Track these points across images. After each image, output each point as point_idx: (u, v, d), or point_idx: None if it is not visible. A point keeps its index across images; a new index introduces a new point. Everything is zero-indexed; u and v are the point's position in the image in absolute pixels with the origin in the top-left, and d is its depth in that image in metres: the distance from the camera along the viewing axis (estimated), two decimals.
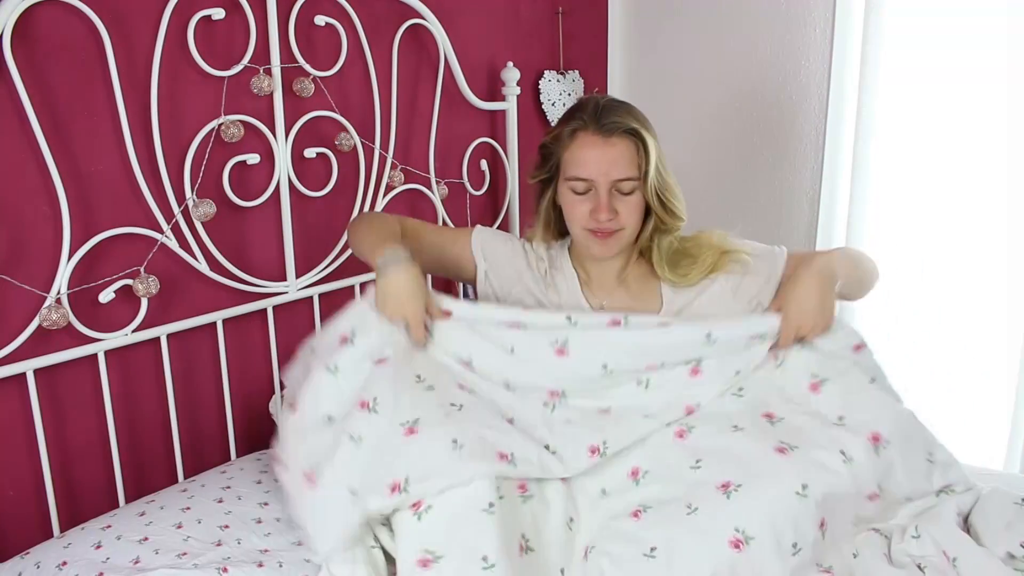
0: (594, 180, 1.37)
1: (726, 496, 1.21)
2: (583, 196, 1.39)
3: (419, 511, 1.19)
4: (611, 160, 1.36)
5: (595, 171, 1.37)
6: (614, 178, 1.37)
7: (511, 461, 1.24)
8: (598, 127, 1.37)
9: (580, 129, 1.38)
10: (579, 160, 1.38)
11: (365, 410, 1.29)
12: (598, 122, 1.37)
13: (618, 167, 1.36)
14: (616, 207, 1.37)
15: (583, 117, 1.38)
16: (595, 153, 1.36)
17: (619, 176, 1.37)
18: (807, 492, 1.20)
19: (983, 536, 1.25)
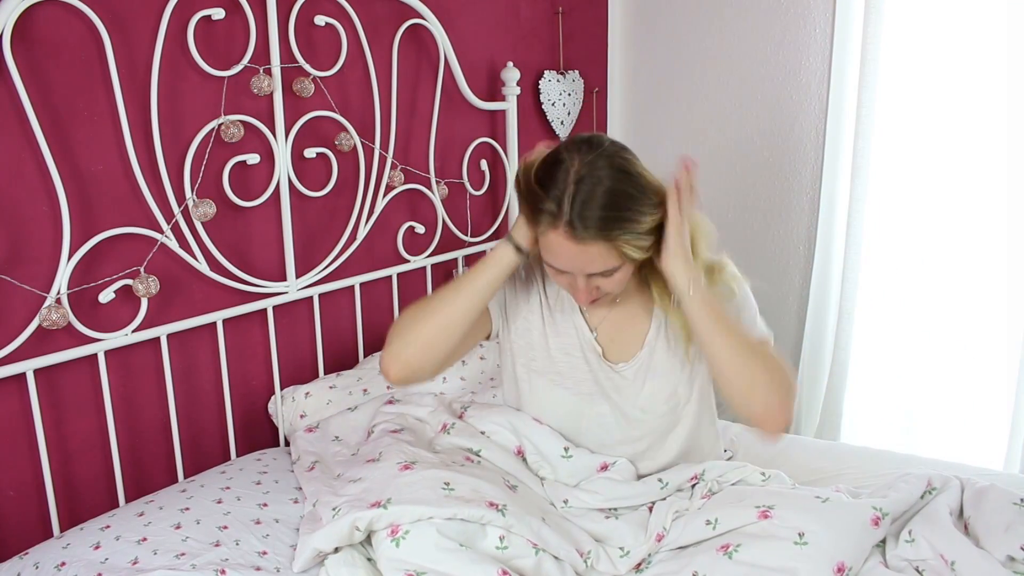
0: (571, 271, 1.26)
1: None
2: (560, 273, 1.28)
3: (396, 537, 1.20)
4: (586, 261, 1.22)
5: (570, 266, 1.25)
6: (591, 272, 1.25)
7: (500, 511, 1.24)
8: (570, 230, 1.18)
9: (551, 227, 1.20)
10: (553, 252, 1.24)
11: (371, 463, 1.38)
12: (571, 223, 1.18)
13: (595, 264, 1.23)
14: (598, 284, 1.28)
15: (554, 210, 1.19)
16: (569, 254, 1.22)
17: (596, 271, 1.24)
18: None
19: (982, 538, 1.24)
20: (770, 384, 1.24)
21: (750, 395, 1.24)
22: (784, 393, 1.25)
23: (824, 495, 1.29)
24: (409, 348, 1.30)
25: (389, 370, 1.30)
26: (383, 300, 2.16)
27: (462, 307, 1.30)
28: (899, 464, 1.66)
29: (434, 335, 1.29)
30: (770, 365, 1.26)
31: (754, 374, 1.24)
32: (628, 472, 1.41)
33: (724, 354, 1.25)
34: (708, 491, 1.38)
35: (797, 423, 2.65)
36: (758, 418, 1.25)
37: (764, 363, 1.25)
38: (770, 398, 1.24)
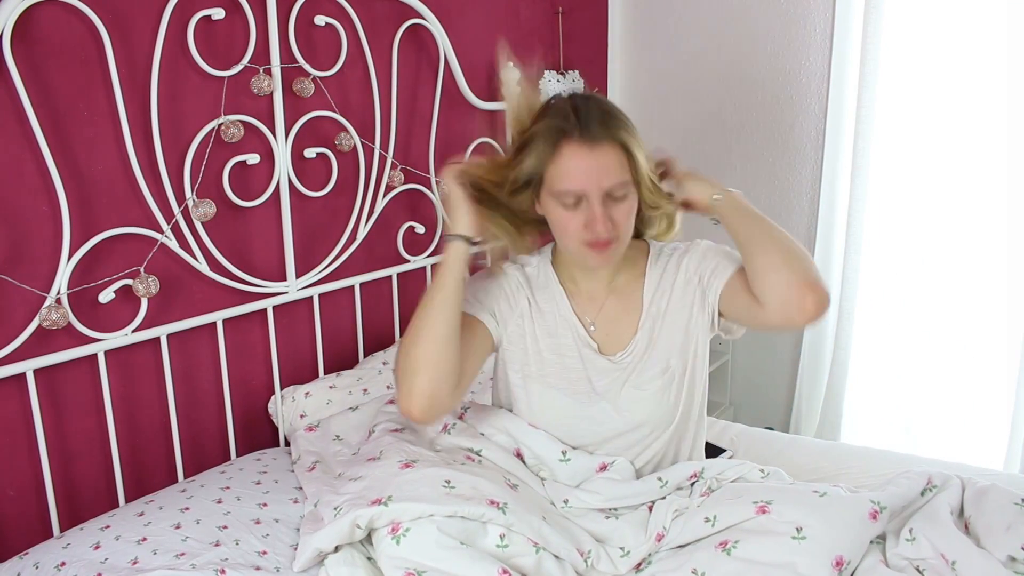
0: (586, 192, 1.27)
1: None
2: (574, 210, 1.29)
3: (397, 535, 1.20)
4: (601, 168, 1.26)
5: (585, 182, 1.26)
6: (606, 186, 1.26)
7: (501, 509, 1.24)
8: (585, 134, 1.25)
9: (564, 139, 1.26)
10: (566, 172, 1.26)
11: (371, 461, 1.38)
12: (585, 127, 1.25)
13: (609, 174, 1.26)
14: (611, 215, 1.28)
15: (563, 126, 1.26)
16: (583, 164, 1.25)
17: (611, 183, 1.26)
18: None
19: (983, 538, 1.24)
20: (809, 260, 1.27)
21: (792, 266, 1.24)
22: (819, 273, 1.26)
23: (822, 490, 1.29)
24: (415, 379, 1.25)
25: (409, 409, 1.26)
26: (383, 300, 2.16)
27: (441, 318, 1.27)
28: (899, 464, 1.66)
29: (430, 356, 1.25)
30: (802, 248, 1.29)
31: (795, 251, 1.26)
32: (627, 471, 1.41)
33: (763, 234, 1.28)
34: (707, 489, 1.38)
35: (797, 423, 2.65)
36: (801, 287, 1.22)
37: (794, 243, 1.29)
38: (811, 271, 1.25)
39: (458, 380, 1.29)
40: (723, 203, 1.34)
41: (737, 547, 1.22)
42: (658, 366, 1.40)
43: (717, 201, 1.34)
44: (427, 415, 1.27)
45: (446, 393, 1.27)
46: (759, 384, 2.85)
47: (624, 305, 1.43)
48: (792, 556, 1.18)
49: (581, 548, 1.28)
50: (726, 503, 1.30)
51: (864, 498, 1.27)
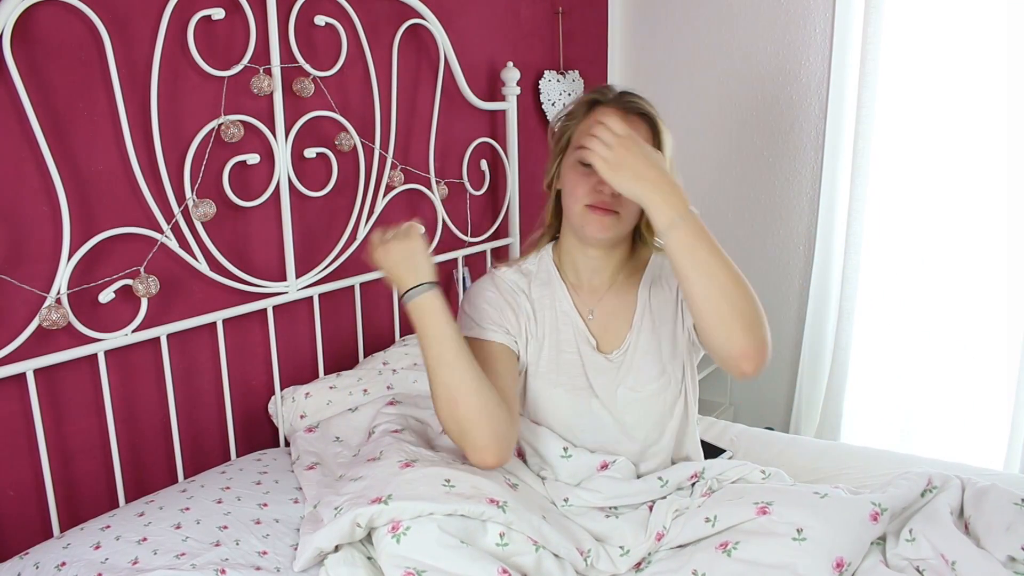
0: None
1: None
2: (587, 171, 1.30)
3: (397, 533, 1.20)
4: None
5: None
6: None
7: (501, 507, 1.24)
8: (617, 101, 1.35)
9: (599, 102, 1.36)
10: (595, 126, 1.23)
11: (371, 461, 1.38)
12: (619, 98, 1.35)
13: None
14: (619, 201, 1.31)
15: (602, 93, 1.37)
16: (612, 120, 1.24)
17: None
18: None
19: (983, 538, 1.24)
20: (752, 318, 1.17)
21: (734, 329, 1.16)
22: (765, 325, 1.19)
23: (823, 491, 1.29)
24: (474, 435, 1.26)
25: (485, 461, 1.27)
26: (383, 300, 2.16)
27: (460, 369, 1.25)
28: (899, 464, 1.66)
29: (474, 410, 1.24)
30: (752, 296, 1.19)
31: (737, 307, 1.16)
32: (628, 470, 1.42)
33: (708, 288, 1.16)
34: (708, 489, 1.38)
35: (797, 423, 2.65)
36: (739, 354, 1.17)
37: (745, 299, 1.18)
38: (752, 333, 1.17)
39: (509, 409, 1.29)
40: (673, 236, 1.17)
41: (737, 548, 1.22)
42: (654, 370, 1.41)
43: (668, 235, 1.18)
44: (500, 458, 1.28)
45: (506, 429, 1.27)
46: (759, 384, 2.85)
47: (622, 300, 1.45)
48: (792, 557, 1.18)
49: (581, 547, 1.29)
50: (727, 504, 1.30)
51: (865, 500, 1.27)
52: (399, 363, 1.99)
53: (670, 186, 1.18)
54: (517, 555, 1.22)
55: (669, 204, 1.17)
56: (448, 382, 1.26)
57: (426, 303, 1.27)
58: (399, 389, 1.89)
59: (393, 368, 1.97)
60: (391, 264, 1.30)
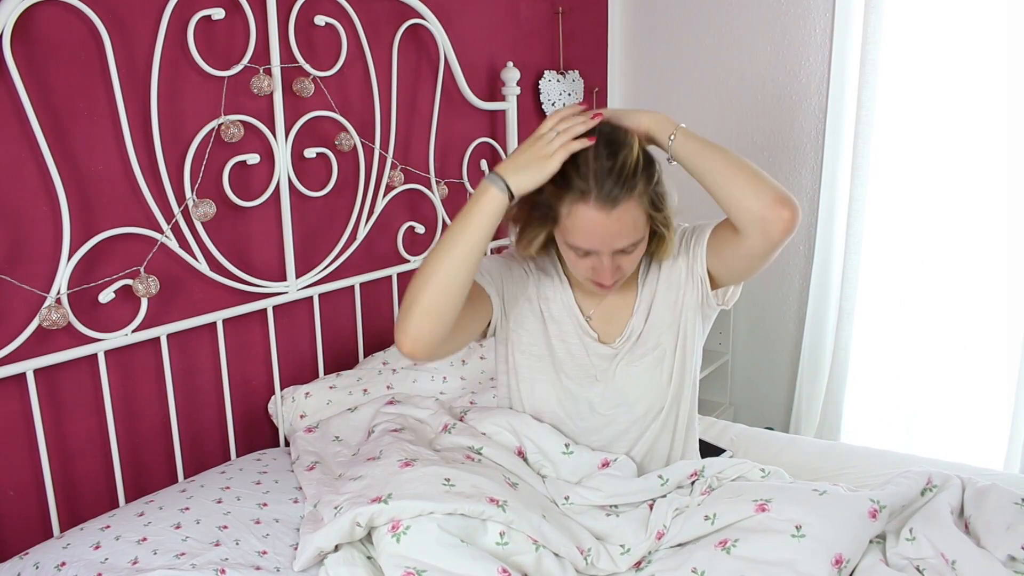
0: (597, 251, 1.27)
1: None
2: (584, 257, 1.30)
3: (397, 532, 1.20)
4: (616, 233, 1.25)
5: (598, 244, 1.26)
6: (618, 247, 1.27)
7: (501, 506, 1.24)
8: (602, 199, 1.22)
9: (582, 201, 1.23)
10: (580, 231, 1.25)
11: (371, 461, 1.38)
12: (601, 191, 1.21)
13: (623, 237, 1.25)
14: (619, 263, 1.30)
15: (581, 185, 1.22)
16: (598, 228, 1.24)
17: (624, 244, 1.26)
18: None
19: (983, 538, 1.24)
20: (769, 178, 1.26)
21: (759, 185, 1.23)
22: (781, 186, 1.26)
23: (822, 488, 1.30)
24: (414, 318, 1.23)
25: (402, 345, 1.25)
26: (383, 300, 2.16)
27: (458, 263, 1.23)
28: (899, 464, 1.66)
29: (436, 300, 1.22)
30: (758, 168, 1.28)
31: (754, 170, 1.26)
32: (629, 469, 1.42)
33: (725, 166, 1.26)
34: (708, 487, 1.38)
35: (797, 423, 2.65)
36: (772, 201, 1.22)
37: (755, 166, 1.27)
38: (775, 186, 1.24)
39: (452, 332, 1.27)
40: (679, 144, 1.28)
41: (737, 545, 1.22)
42: (649, 343, 1.43)
43: (673, 144, 1.28)
44: (416, 355, 1.26)
45: (439, 342, 1.26)
46: (759, 384, 2.85)
47: (621, 295, 1.46)
48: (791, 554, 1.18)
49: (581, 546, 1.29)
50: (726, 501, 1.30)
51: (864, 497, 1.27)
52: (399, 363, 1.99)
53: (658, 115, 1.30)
54: (517, 554, 1.22)
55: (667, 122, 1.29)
56: (439, 263, 1.23)
57: (488, 197, 1.23)
58: (399, 389, 1.89)
59: (393, 368, 1.97)
60: (525, 146, 1.26)
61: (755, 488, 1.33)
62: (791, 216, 1.23)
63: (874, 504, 1.26)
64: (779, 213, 1.22)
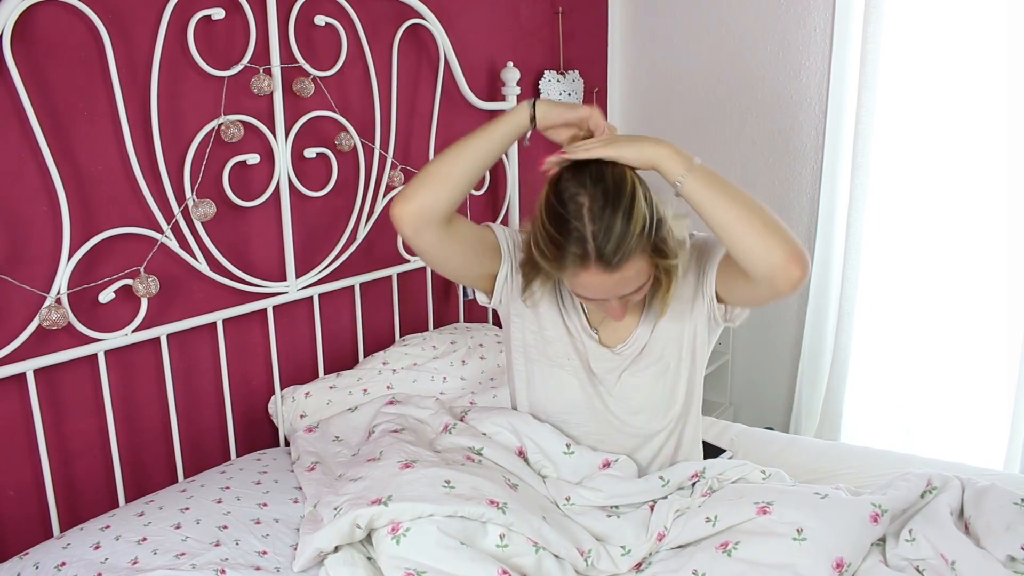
0: (603, 299, 1.28)
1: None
2: (591, 300, 1.31)
3: (397, 534, 1.20)
4: (621, 286, 1.24)
5: (603, 295, 1.26)
6: (624, 294, 1.26)
7: (501, 508, 1.24)
8: (601, 265, 1.20)
9: (582, 268, 1.21)
10: (584, 288, 1.26)
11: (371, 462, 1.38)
12: (600, 257, 1.19)
13: (629, 286, 1.25)
14: (628, 299, 1.30)
15: (578, 251, 1.20)
16: (601, 285, 1.23)
17: (630, 291, 1.26)
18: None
19: (983, 538, 1.24)
20: (783, 229, 1.21)
21: (771, 241, 1.19)
22: (794, 237, 1.22)
23: (823, 491, 1.30)
24: (419, 185, 1.27)
25: (397, 208, 1.27)
26: (383, 300, 2.16)
27: (472, 156, 1.29)
28: (899, 464, 1.66)
29: (442, 170, 1.27)
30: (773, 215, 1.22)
31: (767, 222, 1.20)
32: (630, 469, 1.42)
33: (737, 218, 1.20)
34: (708, 489, 1.38)
35: (797, 423, 2.65)
36: (784, 261, 1.18)
37: (770, 214, 1.22)
38: (789, 240, 1.20)
39: (450, 207, 1.29)
40: (689, 189, 1.21)
41: (738, 548, 1.22)
42: (654, 354, 1.43)
43: (683, 187, 1.21)
44: (408, 221, 1.27)
45: (436, 217, 1.27)
46: (759, 384, 2.85)
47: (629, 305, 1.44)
48: (793, 557, 1.18)
49: (581, 547, 1.29)
50: (727, 503, 1.30)
51: (865, 501, 1.27)
52: (399, 363, 1.99)
53: (669, 146, 1.23)
54: (517, 556, 1.22)
55: (677, 158, 1.22)
56: (456, 149, 1.29)
57: (517, 113, 1.29)
58: (399, 389, 1.89)
59: (393, 368, 1.97)
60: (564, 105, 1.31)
61: (756, 490, 1.33)
62: (801, 276, 1.20)
63: (876, 508, 1.26)
64: (790, 273, 1.18)
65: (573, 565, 1.27)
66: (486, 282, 1.45)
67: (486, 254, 1.41)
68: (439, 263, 1.38)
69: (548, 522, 1.28)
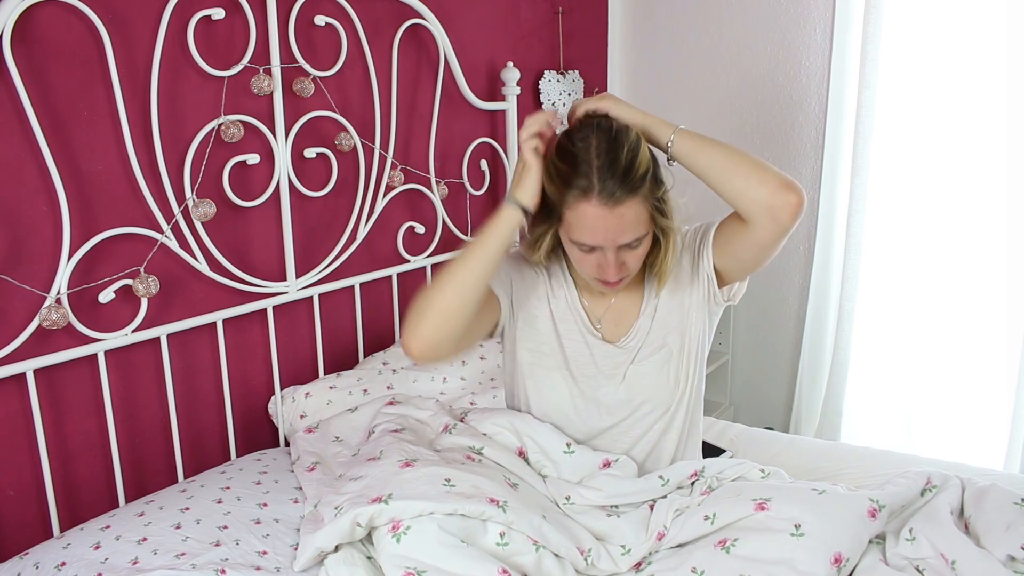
0: (601, 246, 1.28)
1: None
2: (589, 253, 1.30)
3: (397, 533, 1.20)
4: (619, 229, 1.26)
5: (602, 239, 1.27)
6: (622, 243, 1.27)
7: (501, 507, 1.24)
8: (604, 196, 1.22)
9: (584, 199, 1.24)
10: (584, 227, 1.27)
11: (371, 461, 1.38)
12: (604, 188, 1.22)
13: (627, 233, 1.26)
14: (624, 259, 1.30)
15: (584, 181, 1.23)
16: (602, 224, 1.25)
17: (628, 240, 1.27)
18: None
19: (983, 538, 1.24)
20: (771, 166, 1.29)
21: (764, 173, 1.27)
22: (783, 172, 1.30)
23: (821, 487, 1.30)
24: (426, 321, 1.27)
25: (410, 346, 1.29)
26: (383, 300, 2.16)
27: (473, 275, 1.29)
28: (899, 464, 1.66)
29: (449, 304, 1.27)
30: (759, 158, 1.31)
31: (756, 160, 1.29)
32: (630, 469, 1.42)
33: (725, 159, 1.28)
34: (708, 488, 1.39)
35: (797, 423, 2.65)
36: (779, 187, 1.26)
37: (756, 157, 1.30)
38: (778, 173, 1.28)
39: (462, 336, 1.31)
40: (678, 144, 1.30)
41: (736, 545, 1.22)
42: (656, 343, 1.43)
43: (672, 145, 1.30)
44: (424, 357, 1.30)
45: (448, 345, 1.29)
46: (759, 384, 2.85)
47: (629, 297, 1.46)
48: (791, 553, 1.18)
49: (581, 546, 1.29)
50: (725, 501, 1.31)
51: (863, 496, 1.28)
52: (399, 363, 1.99)
53: (654, 118, 1.32)
54: (517, 555, 1.22)
55: (664, 124, 1.31)
56: (454, 271, 1.29)
57: (503, 215, 1.31)
58: (399, 389, 1.89)
59: (393, 368, 1.97)
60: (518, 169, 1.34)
61: (754, 488, 1.33)
62: (798, 200, 1.27)
63: (873, 503, 1.26)
64: (786, 198, 1.26)
65: (573, 564, 1.27)
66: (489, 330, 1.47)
67: (486, 317, 1.41)
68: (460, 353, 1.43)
69: (548, 521, 1.28)
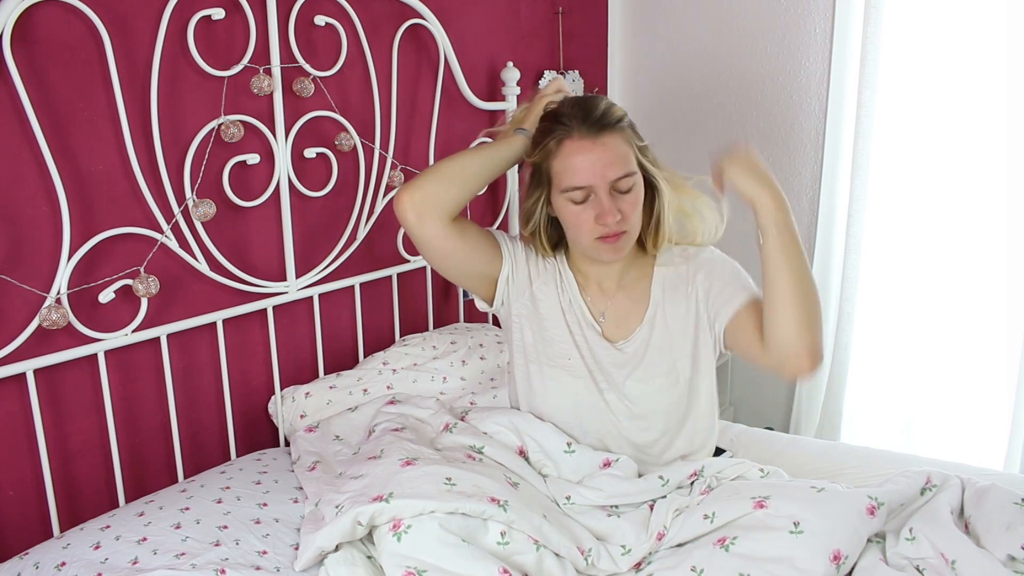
0: (592, 185, 1.31)
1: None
2: (583, 204, 1.33)
3: (398, 532, 1.20)
4: (606, 161, 1.30)
5: (591, 176, 1.30)
6: (612, 178, 1.31)
7: (502, 506, 1.24)
8: (584, 130, 1.30)
9: (566, 137, 1.31)
10: (571, 168, 1.31)
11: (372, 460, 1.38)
12: (583, 124, 1.30)
13: (614, 166, 1.31)
14: (619, 207, 1.32)
15: (565, 122, 1.32)
16: (588, 158, 1.30)
17: (617, 175, 1.31)
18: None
19: (983, 537, 1.24)
20: (820, 324, 1.27)
21: (805, 330, 1.25)
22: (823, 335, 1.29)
23: (819, 485, 1.30)
24: (427, 179, 1.35)
25: (402, 196, 1.33)
26: (383, 300, 2.16)
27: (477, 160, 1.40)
28: (899, 464, 1.66)
29: (453, 172, 1.36)
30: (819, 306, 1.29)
31: (813, 311, 1.27)
32: (630, 469, 1.42)
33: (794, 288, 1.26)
34: (707, 487, 1.39)
35: (797, 423, 2.65)
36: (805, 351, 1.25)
37: (818, 304, 1.28)
38: (818, 336, 1.27)
39: (454, 215, 1.37)
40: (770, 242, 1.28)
41: (735, 543, 1.22)
42: (664, 365, 1.43)
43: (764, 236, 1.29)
44: (413, 209, 1.34)
45: (442, 210, 1.35)
46: (759, 384, 2.85)
47: (632, 298, 1.46)
48: (790, 550, 1.19)
49: (582, 546, 1.29)
50: (725, 500, 1.31)
51: (861, 493, 1.28)
52: (399, 363, 1.99)
53: (779, 193, 1.29)
54: (518, 554, 1.22)
55: (777, 207, 1.28)
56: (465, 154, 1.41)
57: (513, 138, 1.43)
58: (399, 389, 1.90)
59: (393, 368, 1.97)
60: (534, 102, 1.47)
61: (753, 486, 1.33)
62: (808, 370, 1.28)
63: (872, 501, 1.26)
64: (802, 363, 1.26)
65: (573, 564, 1.27)
66: (487, 285, 1.47)
67: (487, 254, 1.44)
68: (441, 259, 1.41)
69: (549, 520, 1.28)
